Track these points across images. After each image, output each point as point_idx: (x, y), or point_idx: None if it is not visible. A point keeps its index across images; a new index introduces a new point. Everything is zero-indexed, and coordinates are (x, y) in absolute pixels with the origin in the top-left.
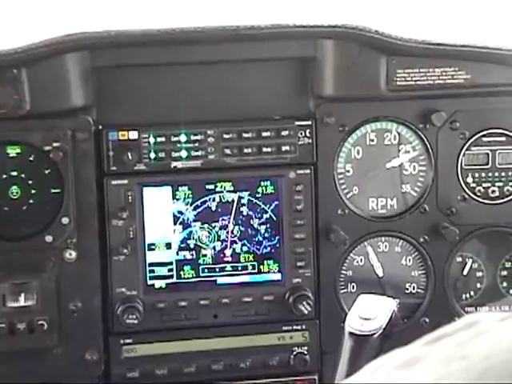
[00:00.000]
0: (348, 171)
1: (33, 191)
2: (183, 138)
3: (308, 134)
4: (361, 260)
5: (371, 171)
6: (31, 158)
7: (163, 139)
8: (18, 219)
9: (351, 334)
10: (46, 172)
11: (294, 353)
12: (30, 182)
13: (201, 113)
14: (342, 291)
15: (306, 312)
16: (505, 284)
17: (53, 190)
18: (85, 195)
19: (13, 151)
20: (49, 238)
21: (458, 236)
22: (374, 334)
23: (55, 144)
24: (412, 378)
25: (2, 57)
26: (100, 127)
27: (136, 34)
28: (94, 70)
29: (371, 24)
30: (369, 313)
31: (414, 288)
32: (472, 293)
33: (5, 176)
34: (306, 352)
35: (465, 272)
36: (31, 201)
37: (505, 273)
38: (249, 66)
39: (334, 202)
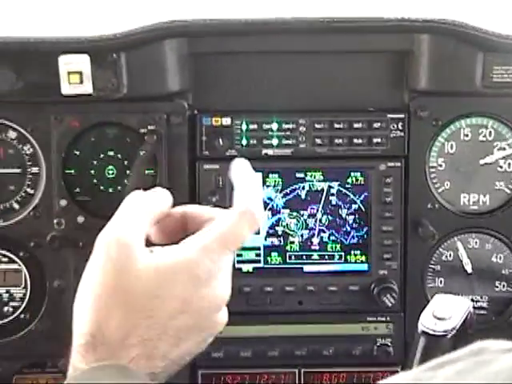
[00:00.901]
0: (440, 165)
1: (128, 172)
2: (275, 126)
3: (400, 127)
4: (450, 255)
5: (464, 167)
6: (127, 140)
7: (255, 126)
8: (113, 198)
9: (424, 332)
10: (141, 153)
11: (378, 344)
12: (126, 162)
13: (293, 102)
14: (429, 285)
15: (390, 304)
16: None
17: (147, 172)
18: (177, 178)
19: (111, 132)
20: None
21: None
22: (447, 334)
23: (150, 127)
24: None
25: (102, 42)
26: (195, 112)
27: (233, 23)
28: (190, 56)
29: (468, 19)
30: (443, 312)
31: (503, 286)
32: None
33: (102, 155)
34: (389, 344)
35: None
36: (126, 181)
37: None
38: (343, 56)
39: (425, 195)
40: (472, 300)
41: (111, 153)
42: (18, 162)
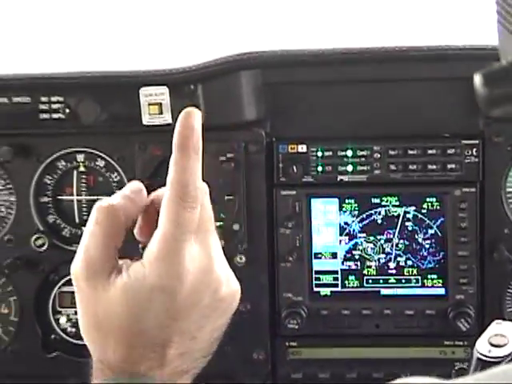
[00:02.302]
0: None
1: None
2: (349, 152)
3: (475, 153)
4: None
5: None
6: (206, 167)
7: (330, 153)
8: None
9: (479, 359)
10: (220, 181)
11: (456, 368)
12: None
13: (367, 129)
14: (508, 309)
15: (464, 329)
16: None
17: (226, 198)
18: (255, 204)
19: None
20: (221, 243)
21: None
22: (501, 361)
23: (229, 155)
24: None
25: (180, 74)
26: (272, 140)
27: (305, 53)
28: (265, 86)
29: None
30: (499, 339)
31: None
32: None
33: None
34: (467, 368)
35: None
36: None
37: None
38: (418, 84)
39: (501, 221)
40: None
41: None
42: (106, 189)
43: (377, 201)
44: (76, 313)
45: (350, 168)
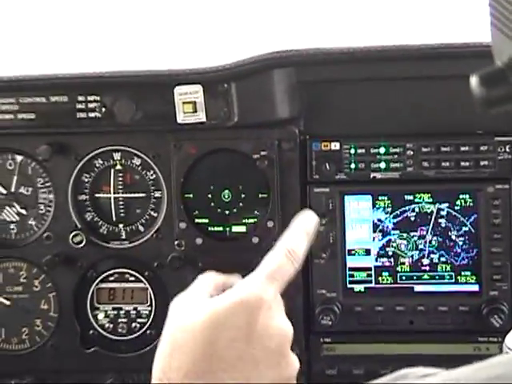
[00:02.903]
0: None
1: (242, 195)
2: (382, 150)
3: (508, 150)
4: None
5: None
6: (241, 165)
7: (363, 151)
8: (229, 220)
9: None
10: (255, 178)
11: None
12: (240, 187)
13: (400, 126)
14: None
15: (497, 325)
16: None
17: (260, 195)
18: (289, 201)
19: (225, 157)
20: (255, 240)
21: None
22: None
23: (263, 153)
24: None
25: (214, 72)
26: (307, 137)
27: (338, 51)
28: (299, 84)
29: None
30: None
31: None
32: None
33: (218, 180)
34: None
35: None
36: (241, 204)
37: None
38: (450, 81)
39: None
40: None
41: (226, 177)
42: (142, 187)
43: (410, 198)
44: (113, 309)
45: (382, 165)
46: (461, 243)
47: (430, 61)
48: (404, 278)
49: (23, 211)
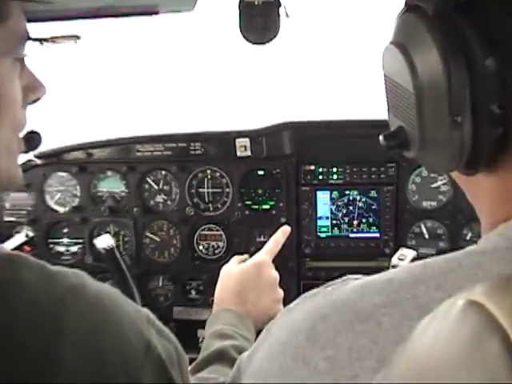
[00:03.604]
0: None
1: (268, 190)
2: (335, 169)
3: (393, 167)
4: None
5: None
6: (266, 176)
7: (325, 169)
8: (260, 202)
9: (392, 266)
10: (273, 182)
11: None
12: (267, 186)
13: (343, 158)
14: None
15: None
16: None
17: (276, 190)
18: (290, 193)
19: (259, 173)
20: (273, 212)
21: None
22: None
23: (277, 170)
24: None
25: (255, 132)
26: (299, 163)
27: (318, 122)
28: (296, 138)
29: None
30: (402, 256)
31: None
32: None
33: (256, 184)
34: None
35: None
36: (267, 194)
37: None
38: (370, 138)
39: None
40: None
41: (260, 182)
42: (220, 186)
43: (347, 192)
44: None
45: (335, 176)
46: (371, 214)
47: (363, 129)
48: (344, 230)
49: (166, 197)
